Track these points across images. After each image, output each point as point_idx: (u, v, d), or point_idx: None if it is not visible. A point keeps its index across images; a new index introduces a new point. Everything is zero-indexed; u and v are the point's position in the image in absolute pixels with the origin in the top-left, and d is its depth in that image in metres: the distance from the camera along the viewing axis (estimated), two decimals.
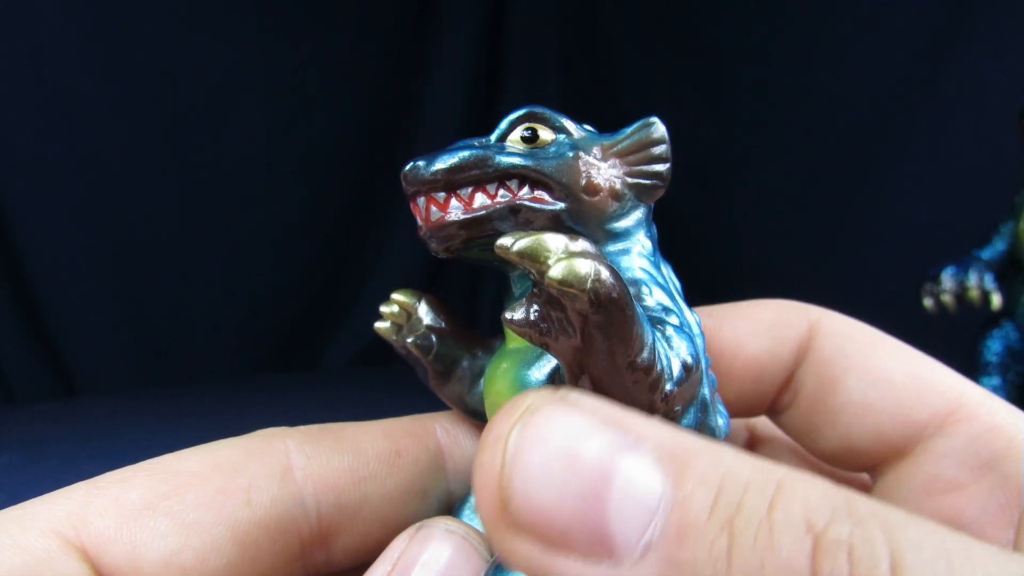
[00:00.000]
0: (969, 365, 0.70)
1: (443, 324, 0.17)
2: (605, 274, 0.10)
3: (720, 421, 0.14)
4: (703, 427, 0.13)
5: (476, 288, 1.74)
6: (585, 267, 0.10)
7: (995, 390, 0.68)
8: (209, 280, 1.40)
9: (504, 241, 0.11)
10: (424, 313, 0.17)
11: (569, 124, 0.14)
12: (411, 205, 0.15)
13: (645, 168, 0.14)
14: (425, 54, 1.61)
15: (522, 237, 0.10)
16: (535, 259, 0.10)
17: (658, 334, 0.12)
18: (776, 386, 0.17)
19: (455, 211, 0.13)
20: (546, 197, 0.13)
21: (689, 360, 0.12)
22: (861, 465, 0.16)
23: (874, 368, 0.15)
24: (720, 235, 1.33)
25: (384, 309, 0.17)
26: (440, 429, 0.17)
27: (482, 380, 0.16)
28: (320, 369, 1.54)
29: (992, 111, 0.93)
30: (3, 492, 0.70)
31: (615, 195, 0.14)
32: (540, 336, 0.11)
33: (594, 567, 0.08)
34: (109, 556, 0.12)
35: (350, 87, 1.53)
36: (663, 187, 0.14)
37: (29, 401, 1.22)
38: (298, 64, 1.47)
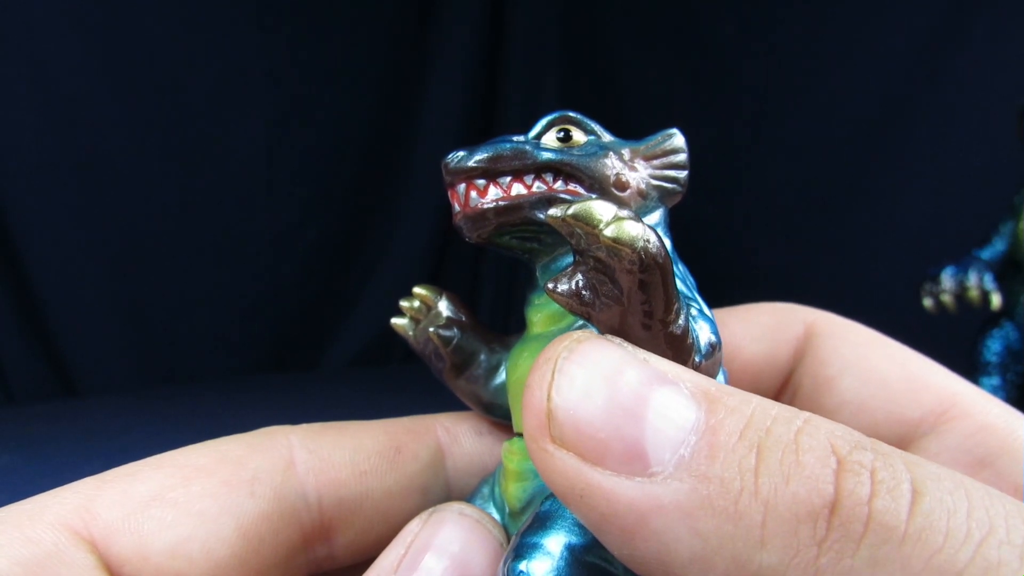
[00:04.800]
0: (969, 365, 0.70)
1: (463, 318, 0.17)
2: (653, 237, 0.11)
3: None
4: None
5: (476, 288, 1.74)
6: (636, 228, 0.11)
7: (994, 390, 0.68)
8: (209, 280, 1.40)
9: (555, 211, 0.11)
10: (445, 307, 0.17)
11: (599, 129, 0.16)
12: (449, 192, 0.15)
13: (667, 172, 0.16)
14: (425, 54, 1.61)
15: (573, 204, 0.11)
16: (588, 222, 0.11)
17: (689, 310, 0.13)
18: (774, 388, 0.17)
19: (493, 198, 0.14)
20: (579, 190, 0.14)
21: (713, 339, 0.13)
22: None
23: (868, 368, 0.16)
24: (720, 235, 1.33)
25: (404, 303, 0.17)
26: (440, 428, 0.17)
27: (499, 373, 0.16)
28: (320, 369, 1.54)
29: (992, 111, 0.93)
30: (3, 492, 0.70)
31: (641, 193, 0.15)
32: (581, 305, 0.11)
33: (627, 481, 0.08)
34: (117, 547, 0.12)
35: (350, 87, 1.53)
36: (681, 192, 0.16)
37: (29, 401, 1.22)
38: (298, 65, 1.47)
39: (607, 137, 0.16)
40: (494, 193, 0.14)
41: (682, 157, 0.16)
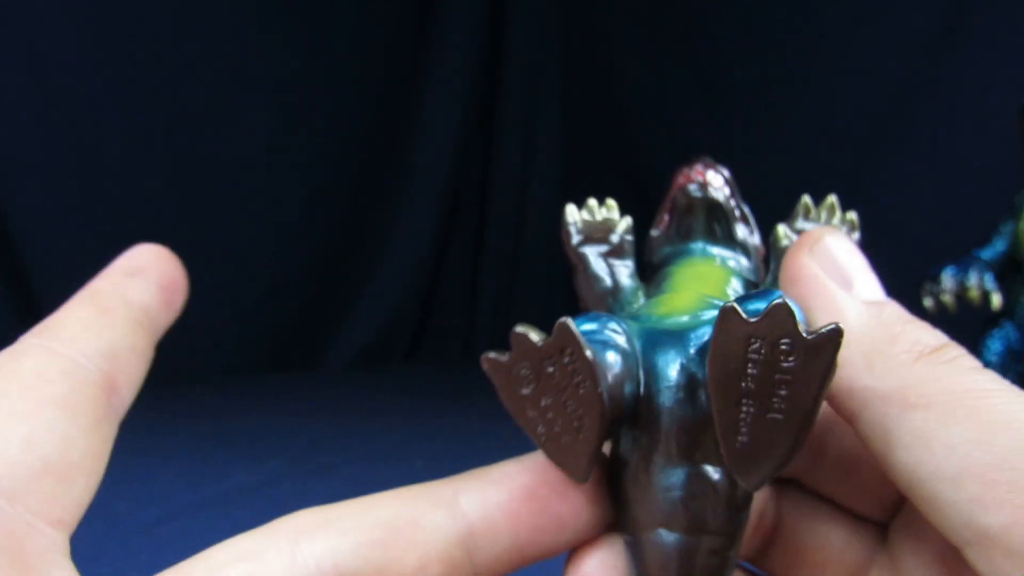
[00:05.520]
0: None
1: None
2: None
3: None
4: None
5: (476, 288, 1.74)
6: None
7: None
8: (209, 280, 1.39)
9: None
10: (628, 222, 0.20)
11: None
12: (694, 166, 0.20)
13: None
14: (425, 54, 1.61)
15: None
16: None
17: None
18: None
19: (721, 187, 0.19)
20: (743, 225, 0.20)
21: None
22: None
23: None
24: None
25: (594, 205, 0.20)
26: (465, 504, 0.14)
27: (633, 277, 0.19)
28: (321, 369, 1.54)
29: (992, 111, 0.93)
30: None
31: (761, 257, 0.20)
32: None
33: (834, 287, 0.14)
34: None
35: (350, 87, 1.53)
36: None
37: None
38: (298, 65, 1.47)
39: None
40: (717, 181, 0.19)
41: None
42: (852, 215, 0.18)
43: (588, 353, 0.13)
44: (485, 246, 1.74)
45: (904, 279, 0.74)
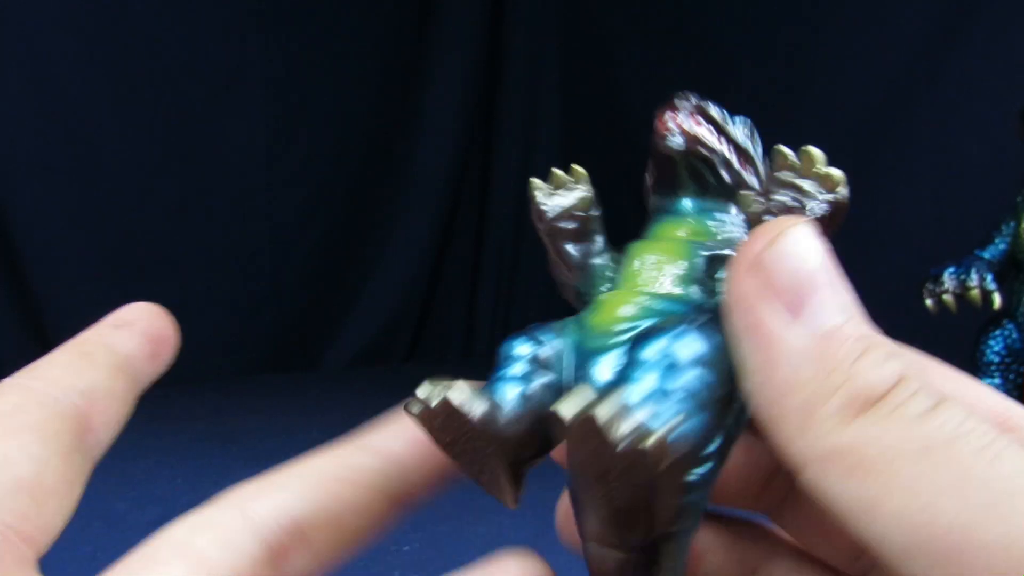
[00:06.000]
0: (970, 365, 0.70)
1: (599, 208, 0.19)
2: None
3: None
4: None
5: (476, 287, 1.74)
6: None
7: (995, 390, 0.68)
8: (208, 280, 1.40)
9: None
10: (590, 190, 0.19)
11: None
12: (668, 112, 0.17)
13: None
14: (425, 55, 1.61)
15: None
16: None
17: None
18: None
19: (703, 134, 0.17)
20: (748, 170, 0.17)
21: None
22: None
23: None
24: None
25: (558, 171, 0.19)
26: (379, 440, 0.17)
27: (601, 255, 0.18)
28: (320, 369, 1.54)
29: (992, 111, 0.93)
30: None
31: (767, 210, 0.18)
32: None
33: (780, 315, 0.12)
34: None
35: (350, 87, 1.53)
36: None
37: None
38: (298, 65, 1.47)
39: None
40: (704, 130, 0.17)
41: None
42: (837, 174, 0.15)
43: (474, 418, 0.14)
44: (485, 246, 1.74)
45: (904, 279, 0.74)
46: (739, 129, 0.18)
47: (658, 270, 0.16)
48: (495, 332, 1.68)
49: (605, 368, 0.14)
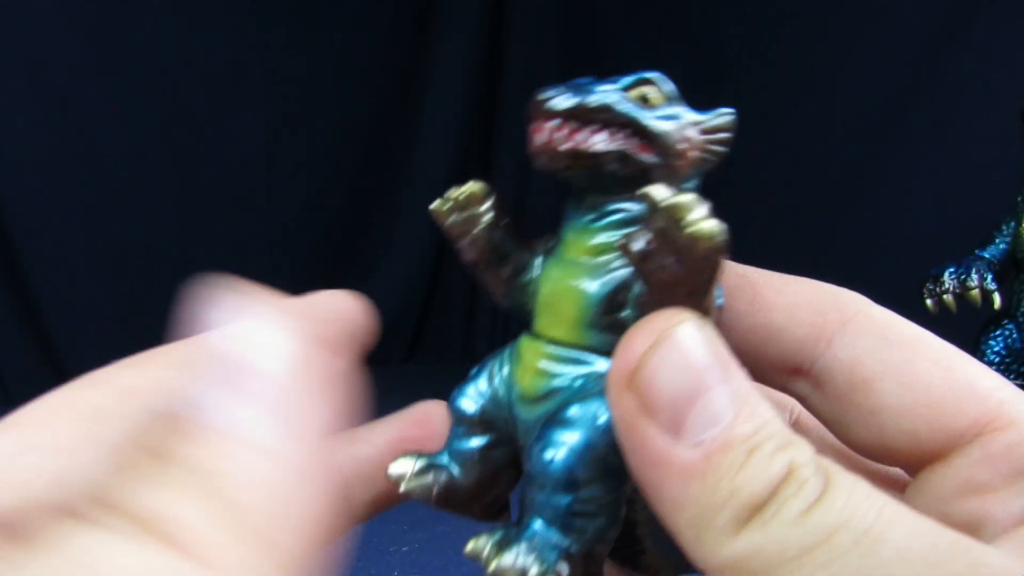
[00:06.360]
0: None
1: (506, 219, 0.19)
2: (725, 236, 0.13)
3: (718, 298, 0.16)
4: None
5: (476, 286, 1.74)
6: (716, 228, 0.13)
7: None
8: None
9: (656, 194, 0.13)
10: (491, 206, 0.18)
11: (675, 94, 0.17)
12: (533, 125, 0.16)
13: (715, 148, 0.17)
14: (425, 54, 1.61)
15: (670, 192, 0.14)
16: (681, 214, 0.13)
17: None
18: (792, 369, 0.17)
19: (579, 142, 0.15)
20: (649, 151, 0.16)
21: (720, 302, 0.16)
22: (894, 462, 0.16)
23: (911, 373, 0.15)
24: None
25: (453, 192, 0.18)
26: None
27: (525, 274, 0.18)
28: None
29: (992, 111, 0.93)
30: None
31: (693, 163, 0.16)
32: (643, 263, 0.14)
33: (661, 436, 0.12)
34: None
35: (350, 87, 1.53)
36: (714, 164, 0.17)
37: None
38: (298, 65, 1.47)
39: (679, 104, 0.17)
40: (580, 138, 0.15)
41: (730, 137, 0.17)
42: (706, 230, 0.13)
43: (435, 495, 0.17)
44: None
45: (904, 279, 0.74)
46: (622, 100, 0.16)
47: (563, 310, 0.16)
48: (495, 332, 1.68)
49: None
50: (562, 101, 0.16)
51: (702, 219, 0.13)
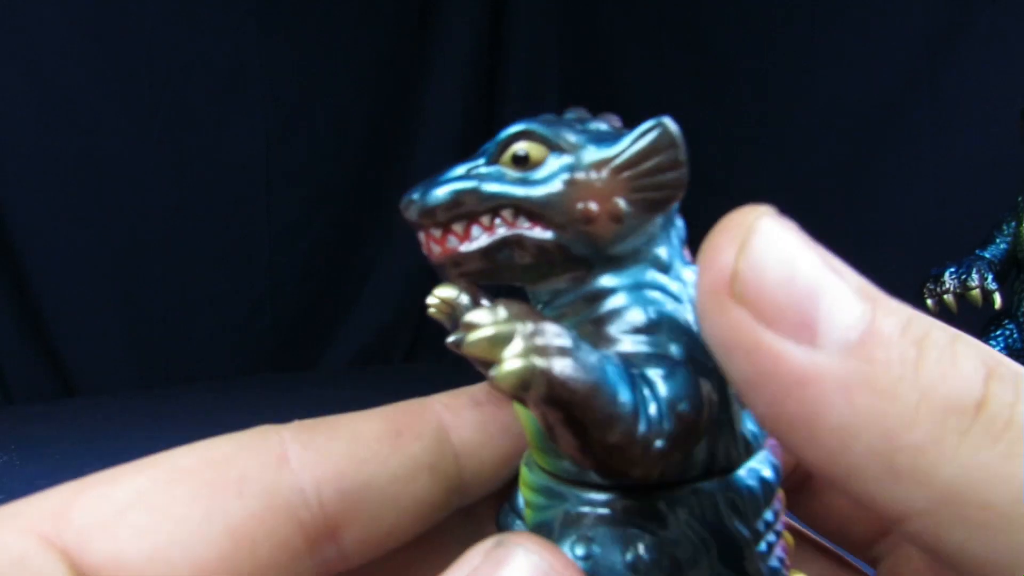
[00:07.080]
0: None
1: (483, 296, 0.16)
2: (558, 370, 0.10)
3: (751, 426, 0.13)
4: (732, 439, 0.12)
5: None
6: (528, 372, 0.10)
7: None
8: (208, 280, 1.40)
9: (452, 339, 0.11)
10: (466, 301, 0.15)
11: (565, 137, 0.13)
12: (420, 238, 0.14)
13: (652, 180, 0.13)
14: (425, 55, 1.61)
15: (473, 329, 0.10)
16: (488, 356, 0.10)
17: (645, 390, 0.11)
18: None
19: (453, 246, 0.13)
20: (541, 224, 0.12)
21: (684, 407, 0.11)
22: None
23: None
24: None
25: (431, 302, 0.16)
26: (439, 405, 0.16)
27: None
28: (319, 369, 1.54)
29: (992, 111, 0.93)
30: (1, 492, 0.70)
31: (614, 217, 0.12)
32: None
33: (794, 346, 0.10)
34: (91, 554, 0.12)
35: (350, 87, 1.53)
36: (678, 194, 0.13)
37: (27, 401, 1.22)
38: (298, 66, 1.47)
39: (575, 144, 0.13)
40: (453, 242, 0.13)
41: (673, 153, 0.13)
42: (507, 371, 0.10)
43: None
44: None
45: (904, 279, 0.74)
46: (479, 179, 0.13)
47: (528, 430, 0.13)
48: None
49: None
50: (415, 208, 0.13)
51: (505, 361, 0.10)
